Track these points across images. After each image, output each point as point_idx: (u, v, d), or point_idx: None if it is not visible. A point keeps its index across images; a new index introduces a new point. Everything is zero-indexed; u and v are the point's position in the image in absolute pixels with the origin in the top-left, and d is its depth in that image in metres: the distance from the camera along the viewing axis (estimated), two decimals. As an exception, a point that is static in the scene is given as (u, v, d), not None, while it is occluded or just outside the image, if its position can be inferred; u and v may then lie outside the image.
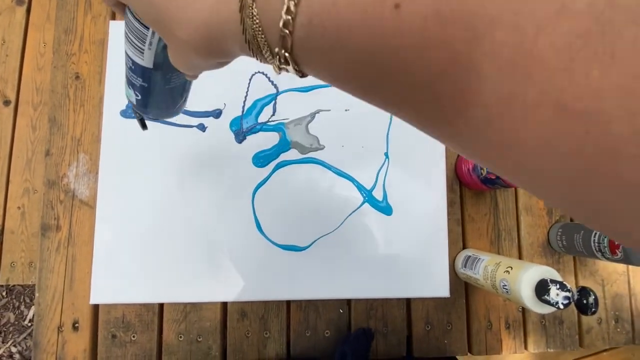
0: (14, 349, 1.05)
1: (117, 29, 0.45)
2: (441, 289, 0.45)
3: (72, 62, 0.45)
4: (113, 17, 0.47)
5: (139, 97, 0.24)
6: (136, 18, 0.19)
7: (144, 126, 0.30)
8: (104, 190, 0.43)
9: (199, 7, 0.14)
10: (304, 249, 0.44)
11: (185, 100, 0.27)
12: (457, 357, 0.46)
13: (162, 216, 0.43)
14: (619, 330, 0.47)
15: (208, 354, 0.43)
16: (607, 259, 0.40)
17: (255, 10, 0.13)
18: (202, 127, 0.45)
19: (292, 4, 0.12)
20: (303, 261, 0.44)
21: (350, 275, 0.44)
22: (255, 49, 0.14)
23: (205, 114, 0.45)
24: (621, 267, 0.48)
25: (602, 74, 0.09)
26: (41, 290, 0.42)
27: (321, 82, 0.47)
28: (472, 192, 0.48)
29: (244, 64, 0.46)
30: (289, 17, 0.12)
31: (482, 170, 0.42)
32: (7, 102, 0.72)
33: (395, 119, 0.47)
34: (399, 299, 0.45)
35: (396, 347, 0.45)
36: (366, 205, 0.46)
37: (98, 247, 0.42)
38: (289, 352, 0.44)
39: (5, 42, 0.73)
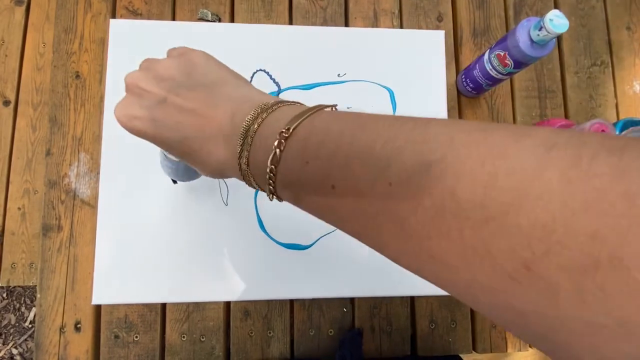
0: (14, 351, 1.05)
1: (117, 28, 0.45)
2: (445, 286, 0.45)
3: (73, 61, 0.45)
4: (113, 16, 0.46)
5: (170, 171, 0.33)
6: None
7: (174, 182, 0.37)
8: (105, 190, 0.43)
9: (215, 159, 0.21)
10: (307, 248, 0.44)
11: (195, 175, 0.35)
12: (462, 355, 0.45)
13: (164, 215, 0.43)
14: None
15: (211, 354, 0.42)
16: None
17: (249, 170, 0.20)
18: (203, 126, 0.45)
19: (272, 167, 0.18)
20: (306, 260, 0.44)
21: (353, 273, 0.44)
22: (249, 184, 0.21)
23: (207, 113, 0.45)
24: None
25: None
26: (43, 291, 0.42)
27: (323, 80, 0.47)
28: (475, 189, 0.48)
29: (246, 62, 0.46)
30: (271, 176, 0.19)
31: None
32: (6, 103, 0.72)
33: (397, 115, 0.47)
34: (402, 297, 0.45)
35: (400, 345, 0.44)
36: (369, 203, 0.45)
37: (100, 247, 0.42)
38: (292, 352, 0.43)
39: (5, 42, 0.73)
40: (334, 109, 0.20)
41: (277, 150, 0.18)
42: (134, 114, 0.22)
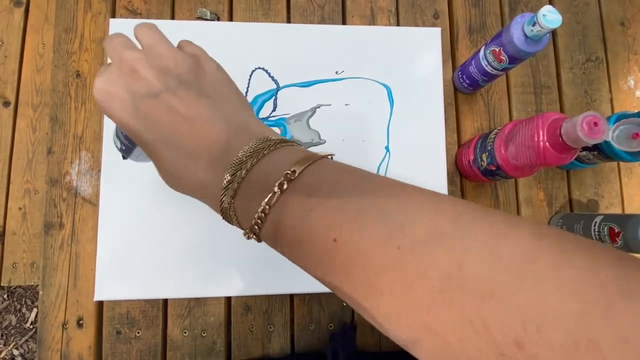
0: (15, 352, 1.05)
1: (117, 27, 0.46)
2: (443, 280, 0.45)
3: (73, 60, 0.46)
4: (113, 15, 0.47)
5: (123, 147, 0.30)
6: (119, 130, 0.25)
7: (124, 157, 0.33)
8: (106, 187, 0.43)
9: (192, 178, 0.20)
10: (307, 243, 0.44)
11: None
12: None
13: (165, 211, 0.43)
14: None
15: (213, 349, 0.43)
16: (608, 247, 0.40)
17: (232, 203, 0.19)
18: (203, 123, 0.45)
19: (266, 207, 0.17)
20: (306, 255, 0.44)
21: (353, 268, 0.44)
22: (225, 216, 0.20)
23: (207, 110, 0.45)
24: (621, 256, 0.49)
25: None
26: (45, 288, 0.42)
27: (321, 77, 0.48)
28: (472, 184, 0.48)
29: (244, 61, 0.47)
30: (261, 217, 0.18)
31: (482, 162, 0.42)
32: (6, 104, 0.72)
33: (395, 113, 0.48)
34: (401, 292, 0.45)
35: (400, 339, 0.45)
36: (368, 198, 0.46)
37: (101, 244, 0.42)
38: (293, 346, 0.44)
39: (4, 43, 0.73)
40: (332, 158, 0.20)
41: (279, 191, 0.17)
42: (116, 93, 0.20)
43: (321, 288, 0.44)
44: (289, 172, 0.17)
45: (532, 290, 0.12)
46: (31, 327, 1.05)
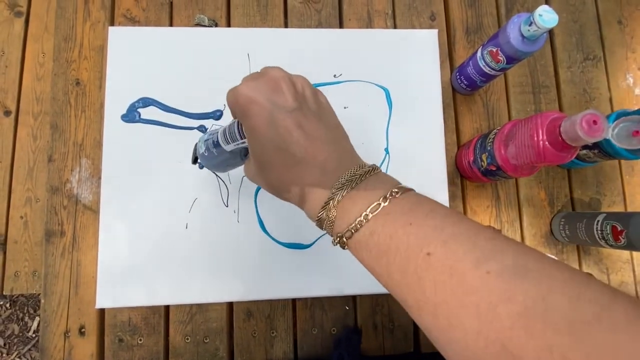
0: (18, 361, 1.05)
1: (115, 35, 0.46)
2: (446, 282, 0.45)
3: (73, 68, 0.46)
4: (111, 23, 0.47)
5: (206, 154, 0.31)
6: (240, 131, 0.26)
7: (194, 162, 0.36)
8: (107, 194, 0.43)
9: (301, 184, 0.23)
10: (308, 247, 0.44)
11: (226, 169, 0.34)
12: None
13: (165, 218, 0.43)
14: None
15: (215, 355, 0.42)
16: (611, 245, 0.40)
17: (334, 209, 0.22)
18: (202, 129, 0.45)
19: (368, 215, 0.21)
20: (307, 259, 0.44)
21: (355, 271, 0.44)
22: (320, 225, 0.24)
23: (206, 116, 0.46)
24: (625, 254, 0.48)
25: None
26: (47, 296, 0.42)
27: (319, 81, 0.48)
28: (473, 184, 0.48)
29: (242, 66, 0.47)
30: (361, 222, 0.21)
31: (482, 163, 0.42)
32: (7, 113, 0.72)
33: (394, 115, 0.48)
34: (404, 294, 0.45)
35: (403, 342, 0.45)
36: (368, 201, 0.46)
37: (103, 251, 0.42)
38: (296, 351, 0.43)
39: (5, 53, 0.74)
40: None
41: (383, 202, 0.20)
42: (258, 101, 0.22)
43: (323, 292, 0.44)
44: (395, 189, 0.20)
45: (608, 334, 0.13)
46: (34, 335, 1.05)
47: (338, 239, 0.22)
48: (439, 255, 0.17)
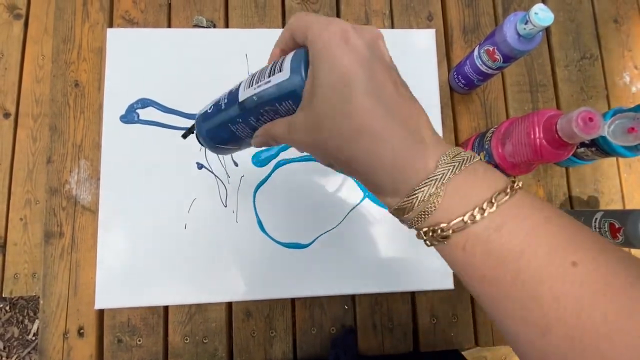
0: (18, 364, 1.04)
1: (114, 37, 0.46)
2: (445, 281, 0.45)
3: (71, 70, 0.46)
4: (110, 25, 0.47)
5: (209, 112, 0.24)
6: (300, 63, 0.19)
7: (185, 136, 0.30)
8: (105, 195, 0.43)
9: (392, 156, 0.17)
10: (307, 247, 0.44)
11: (229, 151, 0.27)
12: (464, 349, 0.46)
13: (163, 218, 0.43)
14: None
15: (214, 355, 0.42)
16: (609, 243, 0.40)
17: (423, 211, 0.17)
18: (201, 129, 0.45)
19: (466, 223, 0.16)
20: (306, 258, 0.44)
21: (353, 270, 0.44)
22: (400, 213, 0.18)
23: (204, 116, 0.46)
24: (624, 252, 0.48)
25: None
26: (45, 298, 0.42)
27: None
28: (471, 183, 0.48)
29: (240, 67, 0.47)
30: (449, 229, 0.17)
31: (480, 161, 0.42)
32: (7, 115, 0.73)
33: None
34: (403, 293, 0.45)
35: (402, 341, 0.45)
36: (366, 200, 0.46)
37: (101, 252, 0.42)
38: (295, 350, 0.43)
39: (4, 55, 0.74)
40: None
41: (509, 191, 0.16)
42: (354, 38, 0.17)
43: (322, 291, 0.44)
44: (513, 180, 0.16)
45: None
46: (33, 338, 1.05)
47: (433, 232, 0.17)
48: (588, 267, 0.14)
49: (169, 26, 0.48)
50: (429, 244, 0.18)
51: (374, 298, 0.45)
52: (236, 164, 0.45)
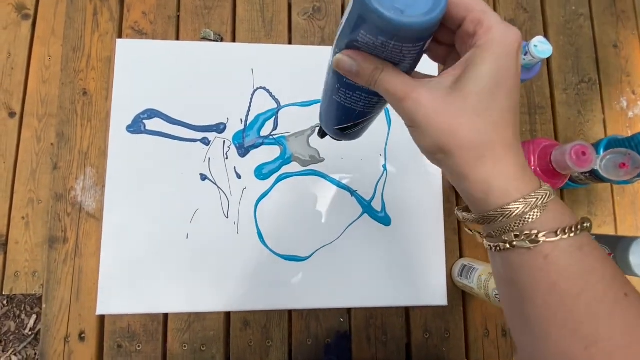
0: (14, 358, 1.05)
1: (123, 47, 0.47)
2: (439, 297, 0.46)
3: (80, 78, 0.47)
4: (119, 36, 0.48)
5: (321, 100, 0.24)
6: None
7: (321, 135, 0.30)
8: (110, 203, 0.44)
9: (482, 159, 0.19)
10: (305, 259, 0.45)
11: (357, 131, 0.26)
12: (455, 364, 0.47)
13: (166, 227, 0.44)
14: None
15: (212, 363, 0.43)
16: (599, 267, 0.41)
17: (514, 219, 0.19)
18: (205, 141, 0.46)
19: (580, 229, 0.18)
20: (304, 271, 0.45)
21: (350, 284, 0.45)
22: (483, 224, 0.21)
23: (209, 129, 0.47)
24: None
25: None
26: (48, 301, 0.43)
27: (320, 96, 0.49)
28: (468, 202, 0.49)
29: (246, 80, 0.48)
30: (544, 237, 0.18)
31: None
32: (12, 114, 0.73)
33: (392, 132, 0.49)
34: (397, 308, 0.46)
35: (395, 355, 0.46)
36: (365, 215, 0.47)
37: (104, 258, 0.43)
38: (290, 361, 0.45)
39: (11, 55, 0.75)
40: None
41: (584, 224, 0.18)
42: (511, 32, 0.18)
43: (319, 304, 0.45)
44: (584, 217, 0.19)
45: None
46: (30, 333, 1.06)
47: (526, 236, 0.19)
48: (635, 296, 0.18)
49: (177, 38, 0.49)
50: (499, 247, 0.20)
51: (369, 312, 0.46)
52: (239, 177, 0.46)
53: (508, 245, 0.19)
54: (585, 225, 0.19)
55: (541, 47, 0.34)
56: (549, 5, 0.56)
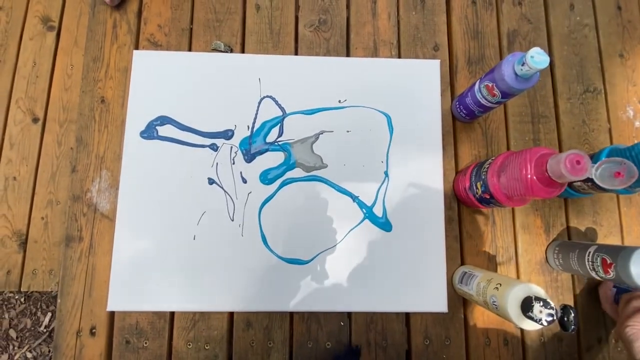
0: (29, 355, 1.09)
1: (139, 58, 0.50)
2: (439, 304, 0.47)
3: (99, 87, 0.50)
4: (136, 47, 0.51)
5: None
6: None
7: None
8: (123, 205, 0.47)
9: None
10: (307, 263, 0.47)
11: None
12: (455, 371, 0.47)
13: (174, 229, 0.46)
14: (619, 349, 0.48)
15: (215, 362, 0.45)
16: (601, 278, 0.41)
17: None
18: (214, 147, 0.49)
19: None
20: (306, 274, 0.46)
21: (350, 289, 0.46)
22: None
23: (217, 135, 0.49)
24: (619, 286, 0.49)
25: None
26: (63, 297, 0.45)
27: (325, 106, 0.50)
28: (470, 209, 0.50)
29: (254, 89, 0.50)
30: None
31: (477, 190, 0.44)
32: (35, 120, 0.78)
33: (394, 140, 0.50)
34: (398, 313, 0.47)
35: (395, 360, 0.46)
36: (367, 221, 0.48)
37: (116, 257, 0.46)
38: (291, 362, 0.45)
39: (36, 64, 0.80)
40: None
41: None
42: None
43: (320, 307, 0.46)
44: None
45: None
46: (45, 330, 1.09)
47: None
48: None
49: (190, 49, 0.52)
50: None
51: (369, 316, 0.47)
52: (245, 181, 0.48)
53: None
54: None
55: (537, 57, 0.35)
56: (552, 16, 0.56)
